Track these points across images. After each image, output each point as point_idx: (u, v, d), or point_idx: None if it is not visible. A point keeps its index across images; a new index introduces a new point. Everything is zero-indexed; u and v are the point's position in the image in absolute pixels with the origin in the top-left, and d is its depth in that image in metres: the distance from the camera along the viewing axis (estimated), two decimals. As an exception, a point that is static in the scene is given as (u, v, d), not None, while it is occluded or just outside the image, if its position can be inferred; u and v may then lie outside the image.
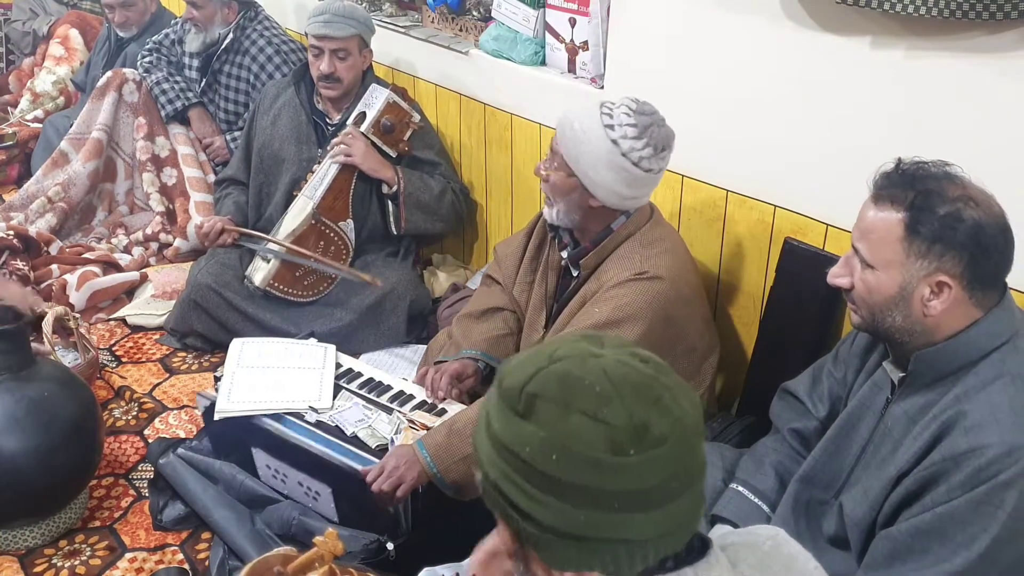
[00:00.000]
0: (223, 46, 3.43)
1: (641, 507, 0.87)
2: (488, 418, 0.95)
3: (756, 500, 1.64)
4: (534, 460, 0.88)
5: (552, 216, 2.02)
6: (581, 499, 0.87)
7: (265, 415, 2.07)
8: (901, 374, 1.45)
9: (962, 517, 1.28)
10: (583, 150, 1.88)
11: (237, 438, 2.14)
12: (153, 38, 3.70)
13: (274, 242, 2.79)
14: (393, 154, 2.87)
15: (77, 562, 2.09)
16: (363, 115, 2.85)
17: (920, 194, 1.34)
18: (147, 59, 3.62)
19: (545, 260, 2.19)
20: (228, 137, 3.55)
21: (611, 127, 1.86)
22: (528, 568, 0.97)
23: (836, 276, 1.47)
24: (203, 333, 2.85)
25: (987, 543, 1.27)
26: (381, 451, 1.97)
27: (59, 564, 2.08)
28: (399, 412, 2.11)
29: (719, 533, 1.00)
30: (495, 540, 1.11)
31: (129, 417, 2.59)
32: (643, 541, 0.89)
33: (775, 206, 2.15)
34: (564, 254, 2.10)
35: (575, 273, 2.07)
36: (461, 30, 3.09)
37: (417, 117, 2.88)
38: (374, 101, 2.85)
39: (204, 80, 3.53)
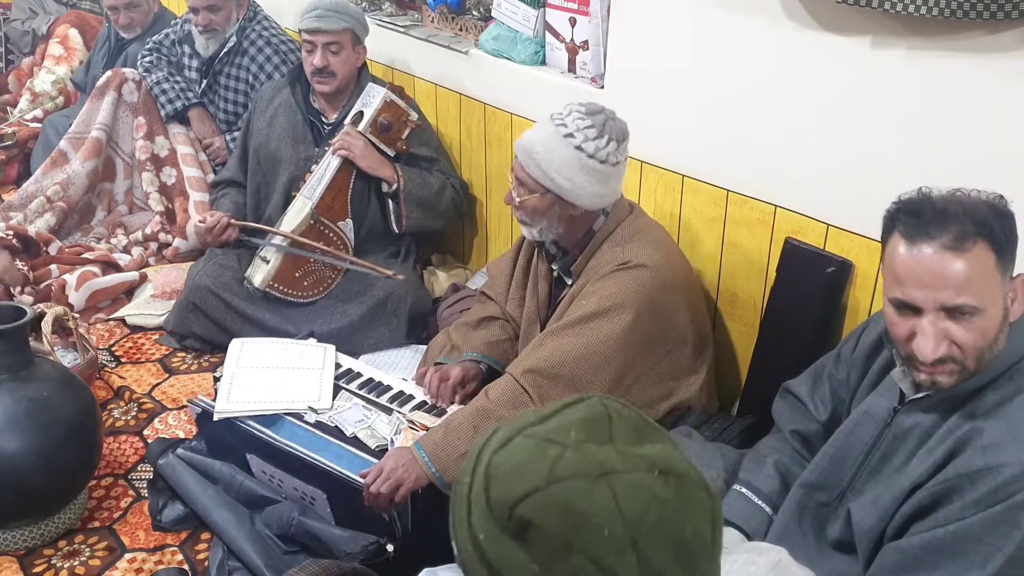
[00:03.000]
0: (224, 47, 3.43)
1: None
2: (469, 513, 0.83)
3: (759, 501, 1.63)
4: None
5: (534, 235, 2.07)
6: None
7: (257, 421, 2.07)
8: (915, 389, 1.41)
9: (976, 535, 1.27)
10: (553, 167, 1.93)
11: (231, 444, 2.14)
12: (153, 38, 3.69)
13: (279, 234, 2.76)
14: (391, 153, 2.86)
15: (76, 562, 2.09)
16: (360, 114, 2.85)
17: (976, 218, 1.32)
18: (147, 59, 3.62)
19: (534, 272, 2.22)
20: (228, 138, 3.55)
21: (571, 135, 1.92)
22: None
23: (937, 352, 1.32)
24: (202, 335, 2.84)
25: (1001, 562, 1.25)
26: (381, 451, 1.97)
27: (58, 564, 2.08)
28: (399, 412, 2.11)
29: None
30: None
31: (128, 417, 2.58)
32: None
33: (775, 206, 2.15)
34: (554, 266, 2.13)
35: (569, 282, 2.10)
36: (461, 30, 3.09)
37: (415, 115, 2.88)
38: (371, 100, 2.84)
39: (204, 81, 3.53)
